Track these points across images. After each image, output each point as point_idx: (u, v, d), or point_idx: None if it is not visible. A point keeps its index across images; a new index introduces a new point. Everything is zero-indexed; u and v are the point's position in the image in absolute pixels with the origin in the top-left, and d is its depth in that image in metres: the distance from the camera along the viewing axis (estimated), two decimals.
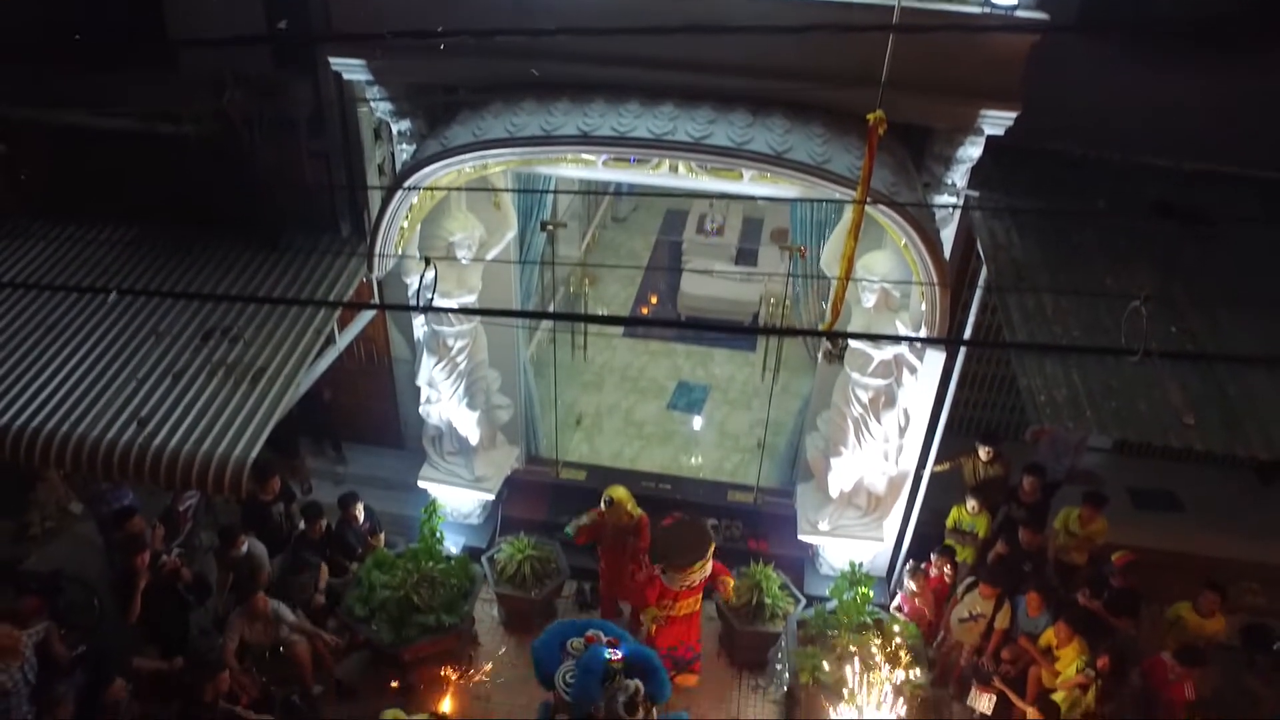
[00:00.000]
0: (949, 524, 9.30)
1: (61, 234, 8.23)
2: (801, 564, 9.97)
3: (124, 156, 8.15)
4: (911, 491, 9.15)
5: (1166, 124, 7.66)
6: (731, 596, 8.53)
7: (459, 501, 10.03)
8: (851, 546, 9.49)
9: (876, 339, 8.14)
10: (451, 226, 8.41)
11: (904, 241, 7.50)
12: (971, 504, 9.10)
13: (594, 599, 9.81)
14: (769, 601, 8.97)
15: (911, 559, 9.15)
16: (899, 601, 8.93)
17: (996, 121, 7.03)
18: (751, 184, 7.56)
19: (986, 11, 6.81)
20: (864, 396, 8.65)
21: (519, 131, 7.21)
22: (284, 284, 7.60)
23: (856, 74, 6.13)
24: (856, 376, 8.59)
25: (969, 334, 8.29)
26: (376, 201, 7.88)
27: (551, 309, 11.36)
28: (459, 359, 8.95)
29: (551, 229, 9.47)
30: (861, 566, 8.85)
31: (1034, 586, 8.47)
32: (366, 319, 8.97)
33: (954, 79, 6.79)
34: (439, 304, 8.14)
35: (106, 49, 7.84)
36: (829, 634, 8.45)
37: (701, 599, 8.58)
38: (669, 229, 15.73)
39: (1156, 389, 6.33)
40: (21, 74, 8.07)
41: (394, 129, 8.03)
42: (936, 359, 8.48)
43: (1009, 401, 10.99)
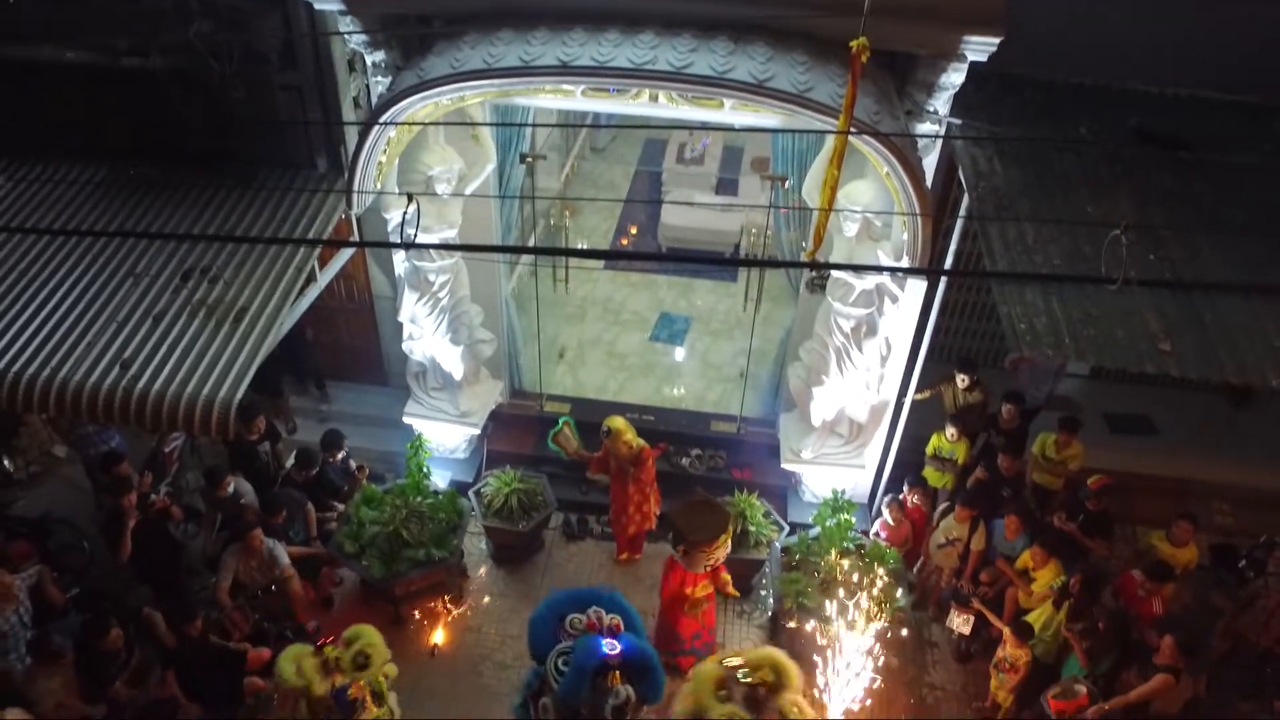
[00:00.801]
0: (929, 451, 9.45)
1: (28, 174, 8.03)
2: (784, 492, 10.14)
3: (89, 92, 7.92)
4: (892, 419, 9.27)
5: (1149, 49, 7.61)
6: (733, 592, 8.38)
7: (444, 437, 10.08)
8: (833, 474, 9.64)
9: (858, 269, 8.16)
10: (430, 160, 8.29)
11: (886, 170, 7.48)
12: (951, 431, 9.24)
13: (581, 530, 9.96)
14: (753, 529, 9.14)
15: (890, 491, 9.32)
16: (878, 528, 9.11)
17: (979, 48, 6.96)
18: (733, 113, 7.47)
19: None
20: (846, 326, 8.71)
21: (497, 62, 7.07)
22: (261, 222, 7.48)
23: (839, 0, 6.04)
24: (838, 306, 8.64)
25: (950, 262, 8.31)
26: (353, 136, 7.75)
27: (532, 242, 11.28)
28: (441, 294, 8.91)
29: (530, 161, 9.36)
30: (844, 494, 9.00)
31: (1011, 510, 8.67)
32: (347, 256, 8.89)
33: (937, 4, 6.70)
34: (420, 240, 8.07)
35: None
36: (812, 560, 8.64)
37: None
38: (648, 159, 15.57)
39: (1134, 316, 6.42)
40: None
41: (368, 61, 7.84)
42: (918, 288, 8.52)
43: (989, 329, 11.09)
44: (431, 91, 7.27)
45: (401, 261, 8.93)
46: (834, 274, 8.54)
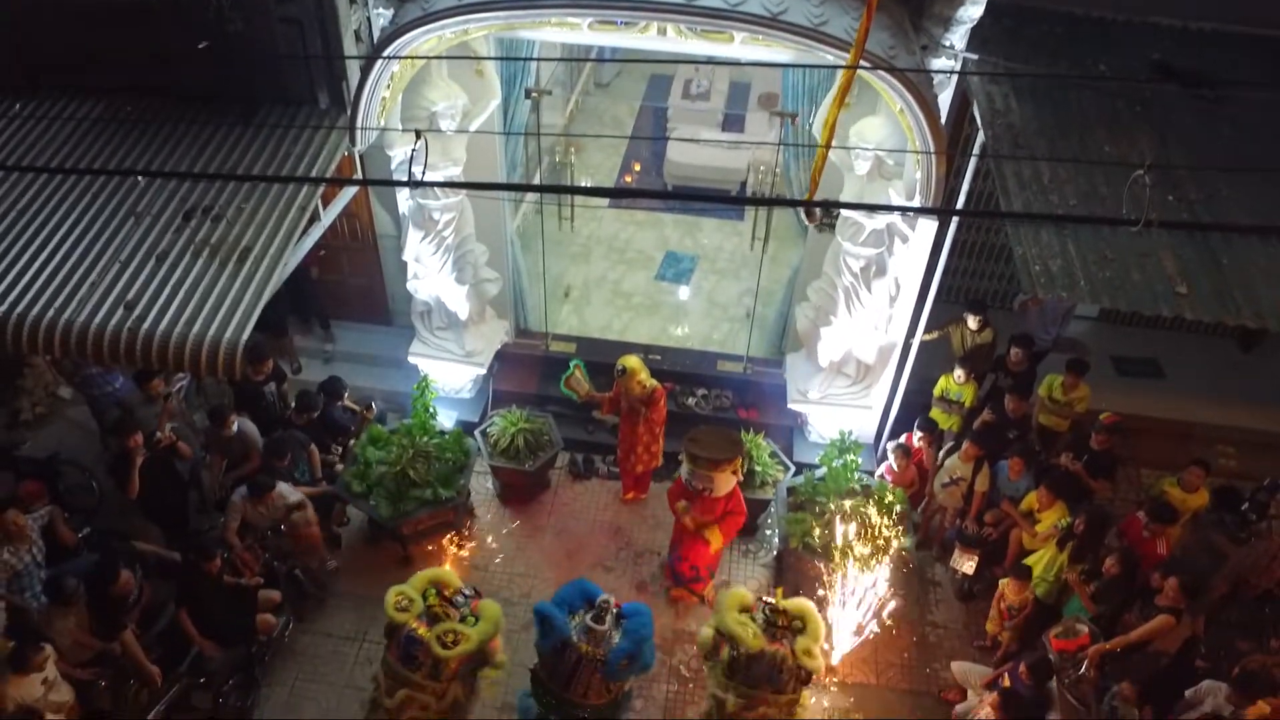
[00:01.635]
0: (936, 393, 9.43)
1: (21, 112, 7.84)
2: (790, 432, 10.15)
3: (82, 26, 7.70)
4: (900, 360, 9.23)
5: None
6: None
7: (450, 376, 10.05)
8: (840, 415, 9.64)
9: (868, 209, 8.03)
10: (434, 96, 8.12)
11: (900, 107, 7.33)
12: (959, 373, 9.20)
13: (587, 469, 10.00)
14: (759, 469, 9.18)
15: (896, 433, 9.31)
16: (882, 470, 9.11)
17: None
18: (743, 47, 7.30)
19: None
20: (855, 266, 8.62)
21: None
22: (263, 160, 7.31)
23: None
24: (848, 245, 8.54)
25: (962, 202, 8.19)
26: (354, 71, 7.56)
27: (537, 179, 11.13)
28: (446, 233, 8.81)
29: (535, 96, 9.17)
30: (850, 435, 9.00)
31: (1017, 452, 8.68)
32: (350, 194, 8.75)
33: None
34: (424, 178, 7.92)
35: None
36: (817, 500, 8.68)
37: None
38: (654, 94, 15.27)
39: (1151, 258, 6.33)
40: None
41: None
42: (929, 228, 8.40)
43: (1000, 270, 11.00)
44: (435, 25, 7.09)
45: (406, 200, 8.81)
46: (844, 213, 8.44)
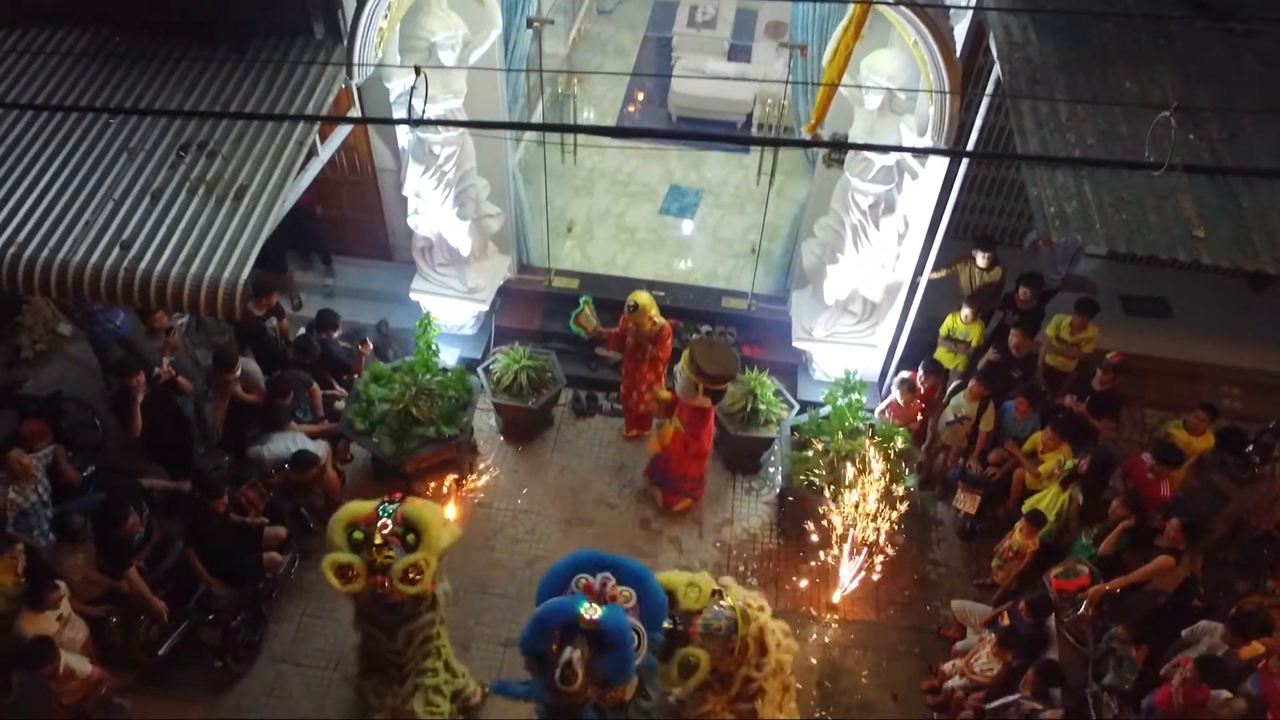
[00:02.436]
0: (942, 331, 9.35)
1: (3, 45, 7.60)
2: (795, 370, 10.10)
3: None
4: (907, 298, 9.12)
5: None
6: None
7: (452, 313, 9.97)
8: (845, 353, 9.58)
9: (879, 150, 7.84)
10: (433, 26, 7.87)
11: (914, 40, 7.10)
12: (966, 312, 9.11)
13: (590, 406, 9.98)
14: (763, 407, 9.15)
15: (901, 372, 9.26)
16: (886, 407, 9.07)
17: None
18: None
19: None
20: (863, 202, 8.47)
21: None
22: (258, 94, 7.10)
23: None
24: (856, 182, 8.39)
25: (975, 138, 7.98)
26: (351, 0, 7.31)
27: (539, 110, 10.87)
28: (446, 168, 8.63)
29: (538, 25, 8.89)
30: (855, 374, 8.95)
31: (1022, 391, 8.64)
32: (349, 128, 8.55)
33: None
34: (424, 110, 7.71)
35: None
36: (822, 439, 8.67)
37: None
38: (657, 23, 14.83)
39: (1169, 200, 6.17)
40: None
41: None
42: (940, 164, 8.20)
43: (1011, 206, 10.83)
44: None
45: (406, 134, 8.61)
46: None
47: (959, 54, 7.43)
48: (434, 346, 8.84)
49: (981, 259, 9.29)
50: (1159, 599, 7.87)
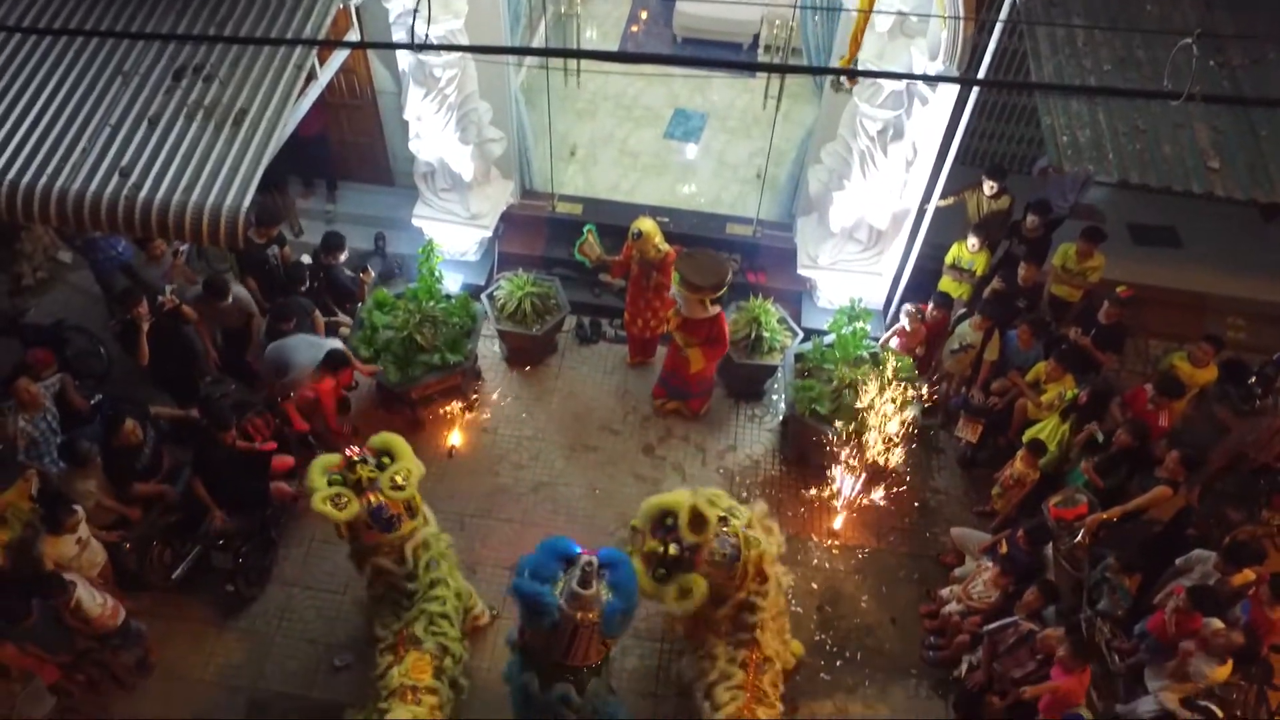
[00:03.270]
0: (948, 261, 9.29)
1: None
2: (799, 298, 10.07)
3: None
4: (913, 226, 9.04)
5: None
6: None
7: (454, 239, 9.89)
8: (850, 281, 9.53)
9: (890, 77, 7.66)
10: None
11: None
12: (972, 241, 9.03)
13: (594, 333, 9.97)
14: (767, 335, 9.15)
15: (907, 303, 9.22)
16: (893, 333, 9.05)
17: None
18: None
19: None
20: (872, 128, 8.34)
21: None
22: (253, 16, 6.89)
23: None
24: (865, 107, 8.24)
25: (988, 62, 7.79)
26: None
27: (541, 30, 10.61)
28: (448, 91, 8.46)
29: None
30: (860, 302, 8.92)
31: (1026, 321, 8.62)
32: (348, 50, 8.36)
33: None
34: (423, 31, 7.52)
35: None
36: (826, 367, 8.69)
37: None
38: None
39: (1184, 130, 6.06)
40: None
41: None
42: (950, 90, 8.04)
43: (1021, 132, 10.64)
44: None
45: (406, 56, 8.41)
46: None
47: None
48: (438, 273, 8.79)
49: (989, 187, 9.17)
50: (1154, 528, 7.99)
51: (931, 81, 7.58)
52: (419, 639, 6.35)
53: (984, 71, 7.73)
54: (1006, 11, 7.12)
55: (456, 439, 8.88)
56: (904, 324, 8.88)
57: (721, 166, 11.15)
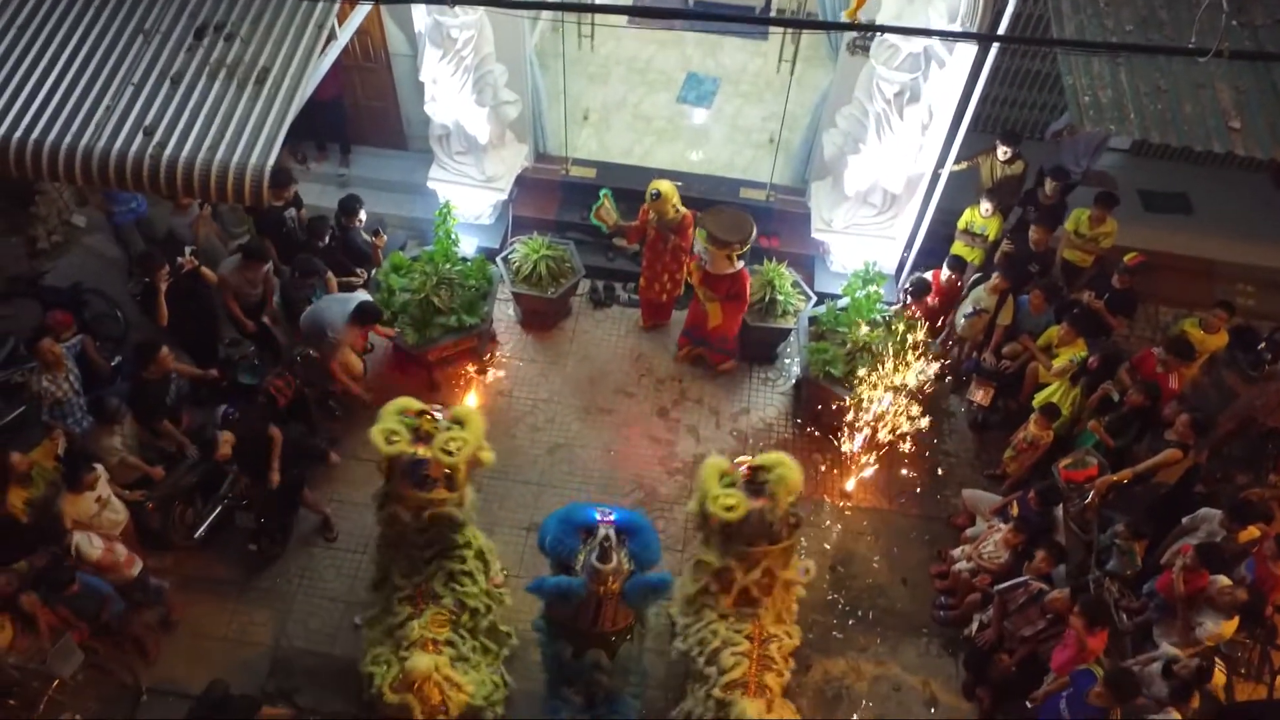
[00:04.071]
0: (960, 225, 9.34)
1: None
2: (812, 262, 10.11)
3: None
4: (927, 191, 9.05)
5: None
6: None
7: (470, 202, 9.89)
8: (863, 245, 9.57)
9: (911, 34, 7.63)
10: None
11: None
12: (985, 206, 9.07)
13: (608, 297, 10.01)
14: (781, 298, 9.20)
15: (919, 265, 9.25)
16: (903, 296, 9.10)
17: None
18: None
19: None
20: (888, 91, 8.33)
21: None
22: None
23: None
24: (882, 70, 8.23)
25: (1007, 25, 7.77)
26: None
27: None
28: (465, 52, 8.45)
29: None
30: (874, 265, 8.96)
31: (1039, 286, 8.67)
32: (366, 10, 8.33)
33: None
34: None
35: None
36: (839, 330, 8.75)
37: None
38: None
39: (1206, 90, 6.08)
40: None
41: None
42: (967, 53, 8.03)
43: (1035, 99, 10.63)
44: None
45: (422, 17, 8.39)
46: (879, 35, 8.06)
47: None
48: (454, 236, 8.82)
49: (1003, 152, 9.19)
50: (1161, 491, 8.09)
51: (951, 39, 7.53)
52: (438, 594, 6.42)
53: (1003, 28, 7.70)
54: None
55: (472, 401, 8.94)
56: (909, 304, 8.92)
57: (735, 131, 11.14)
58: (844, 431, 8.49)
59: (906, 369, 8.15)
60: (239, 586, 7.88)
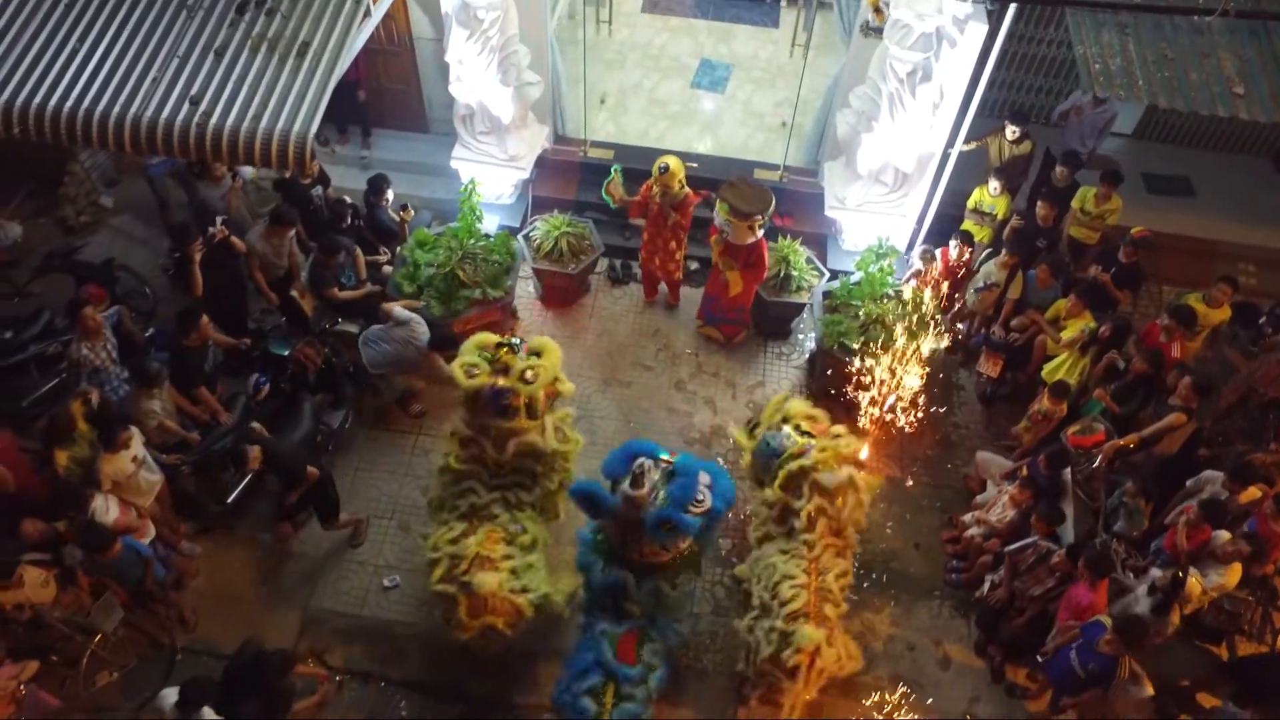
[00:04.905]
0: (970, 204, 9.57)
1: None
2: (825, 241, 10.35)
3: None
4: (938, 170, 9.30)
5: None
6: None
7: (492, 181, 10.11)
8: (875, 223, 9.80)
9: None
10: None
11: None
12: (994, 185, 9.31)
13: (625, 274, 10.26)
14: (795, 274, 9.44)
15: (929, 243, 9.49)
16: (911, 277, 9.32)
17: None
18: None
19: None
20: (901, 70, 8.56)
21: None
22: None
23: None
24: (895, 49, 8.46)
25: (1014, 7, 8.01)
26: None
27: None
28: (491, 32, 8.69)
29: None
30: (886, 240, 9.20)
31: (1045, 262, 8.91)
32: None
33: None
34: None
35: None
36: (853, 304, 8.98)
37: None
38: None
39: (1211, 58, 6.33)
40: None
41: None
42: (978, 32, 8.29)
43: (1042, 83, 10.88)
44: None
45: None
46: (893, 15, 8.31)
47: None
48: (478, 212, 9.05)
49: (1011, 132, 9.44)
50: (1164, 459, 8.30)
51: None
52: (494, 514, 6.58)
53: (1011, 13, 7.95)
54: None
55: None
56: (917, 266, 9.16)
57: (748, 115, 11.39)
58: (857, 401, 8.69)
59: (921, 338, 8.38)
60: (268, 550, 8.08)
